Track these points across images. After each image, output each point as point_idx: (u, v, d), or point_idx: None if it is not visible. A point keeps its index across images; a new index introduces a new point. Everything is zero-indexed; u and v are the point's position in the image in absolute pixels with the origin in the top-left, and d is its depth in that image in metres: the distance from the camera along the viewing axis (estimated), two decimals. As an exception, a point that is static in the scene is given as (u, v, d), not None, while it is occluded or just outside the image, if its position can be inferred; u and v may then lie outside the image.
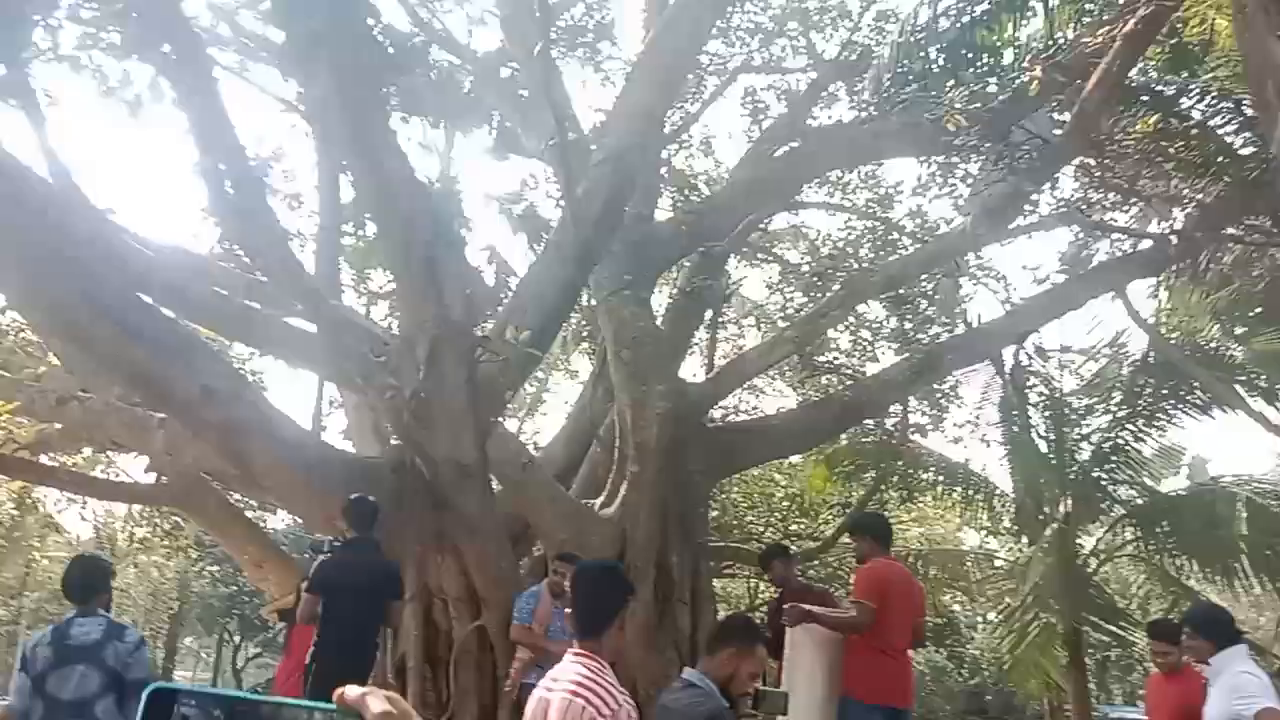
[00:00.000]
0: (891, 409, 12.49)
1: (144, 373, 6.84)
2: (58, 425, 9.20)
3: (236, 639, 34.91)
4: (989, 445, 14.55)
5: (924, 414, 13.52)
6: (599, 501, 8.70)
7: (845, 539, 14.64)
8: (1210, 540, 12.38)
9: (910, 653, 6.11)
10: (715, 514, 15.09)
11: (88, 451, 10.74)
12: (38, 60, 6.08)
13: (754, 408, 15.64)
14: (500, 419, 8.78)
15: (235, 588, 29.13)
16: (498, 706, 7.24)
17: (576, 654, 3.09)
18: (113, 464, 12.68)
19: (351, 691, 0.85)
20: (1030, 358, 12.48)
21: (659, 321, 9.75)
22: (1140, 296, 12.82)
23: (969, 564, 15.27)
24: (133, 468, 11.33)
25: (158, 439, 8.17)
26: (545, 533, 8.44)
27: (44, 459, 9.82)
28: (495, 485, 8.33)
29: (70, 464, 10.51)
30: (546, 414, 18.12)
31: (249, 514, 11.09)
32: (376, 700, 0.84)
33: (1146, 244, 10.26)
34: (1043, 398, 13.68)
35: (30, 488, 12.38)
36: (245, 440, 7.31)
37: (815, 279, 12.06)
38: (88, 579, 4.63)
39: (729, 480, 15.25)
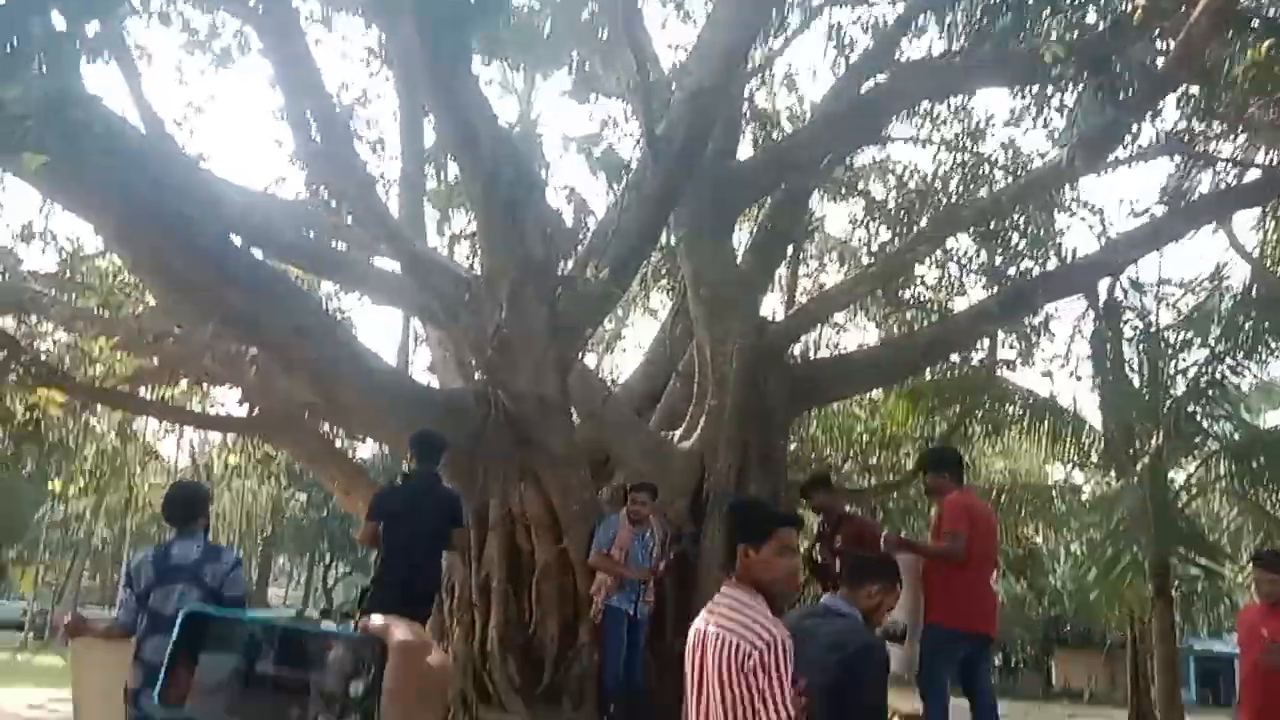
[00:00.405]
0: (979, 344, 12.25)
1: (237, 312, 7.05)
2: (155, 360, 9.54)
3: (327, 559, 36.32)
4: (1079, 380, 14.23)
5: (1012, 348, 13.22)
6: (678, 434, 8.75)
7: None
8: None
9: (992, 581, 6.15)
10: (793, 448, 15.08)
11: (183, 385, 11.13)
12: (130, 16, 6.18)
13: (836, 344, 15.50)
14: (580, 355, 8.85)
15: (326, 512, 30.24)
16: (578, 624, 7.44)
17: (727, 588, 3.11)
18: (207, 396, 13.16)
19: (375, 620, 0.89)
20: (1126, 291, 12.08)
21: (740, 259, 9.65)
22: (1244, 228, 12.29)
23: (1054, 498, 15.06)
24: (226, 400, 11.75)
25: (250, 374, 8.42)
26: (624, 464, 8.54)
27: (142, 392, 10.21)
28: (575, 419, 8.45)
29: (167, 397, 10.92)
30: (625, 351, 18.14)
31: (338, 444, 11.41)
32: (399, 629, 0.87)
33: (1253, 174, 9.78)
34: (1137, 332, 13.28)
35: (130, 419, 12.93)
36: (335, 376, 7.51)
37: (901, 214, 11.79)
38: (187, 503, 4.84)
39: (808, 415, 15.19)
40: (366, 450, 15.53)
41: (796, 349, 12.09)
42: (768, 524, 3.04)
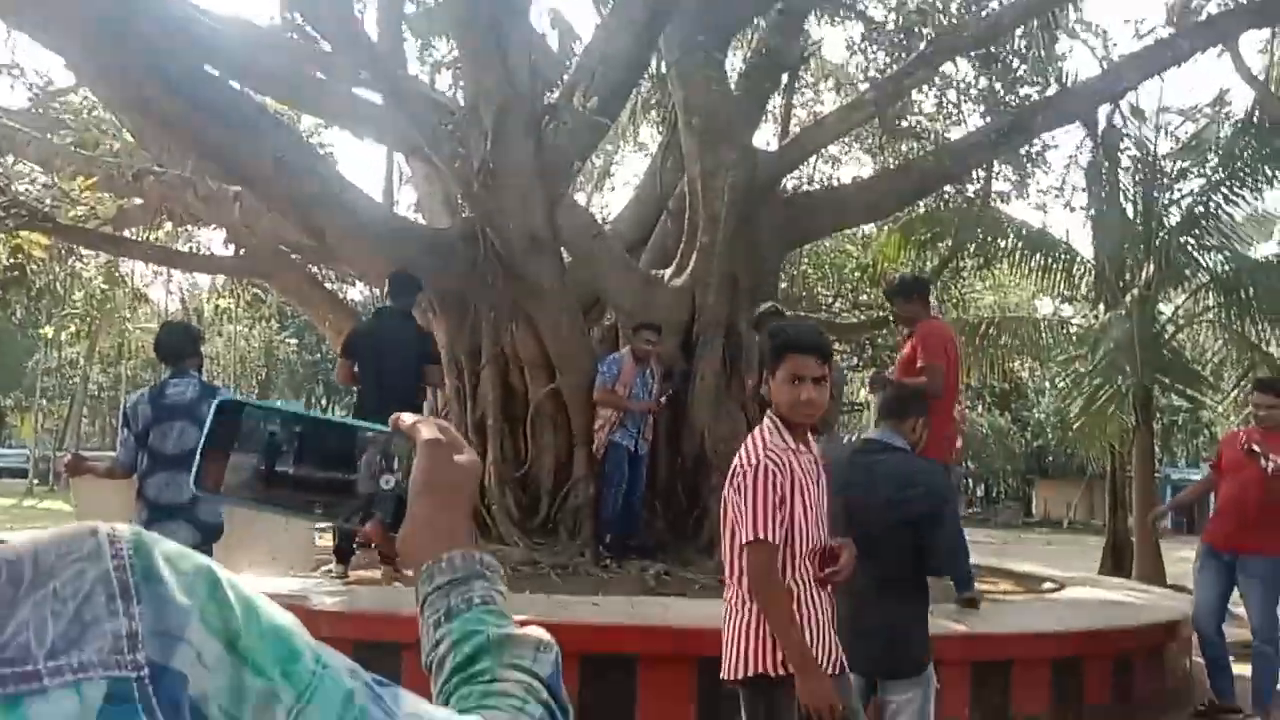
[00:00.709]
0: (974, 175, 12.08)
1: (215, 145, 6.86)
2: (137, 200, 9.37)
3: (323, 402, 36.82)
4: (1073, 211, 14.14)
5: (1008, 179, 13.06)
6: (669, 272, 8.69)
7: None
8: (1296, 307, 12.09)
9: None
10: (784, 285, 15.07)
11: (168, 226, 10.98)
12: None
13: (830, 176, 15.27)
14: (569, 190, 8.70)
15: (320, 354, 30.44)
16: (572, 461, 7.59)
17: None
18: (193, 238, 13.01)
19: (406, 417, 0.89)
20: (1125, 119, 11.84)
21: (732, 86, 9.35)
22: (1251, 50, 11.93)
23: (1042, 331, 15.18)
24: (213, 241, 11.62)
25: (234, 212, 8.28)
26: (616, 302, 8.52)
27: (127, 234, 10.07)
28: (566, 256, 8.38)
29: (153, 238, 10.79)
30: (615, 188, 17.87)
31: (328, 285, 11.36)
32: (428, 428, 0.87)
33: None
34: (1134, 160, 13.10)
35: (116, 262, 12.82)
36: (318, 212, 7.39)
37: (900, 37, 11.37)
38: (178, 341, 4.83)
39: (799, 251, 15.12)
40: (357, 292, 15.47)
41: (790, 182, 11.92)
42: (781, 350, 2.94)
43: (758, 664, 2.81)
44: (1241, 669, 5.70)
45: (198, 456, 0.86)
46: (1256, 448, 5.18)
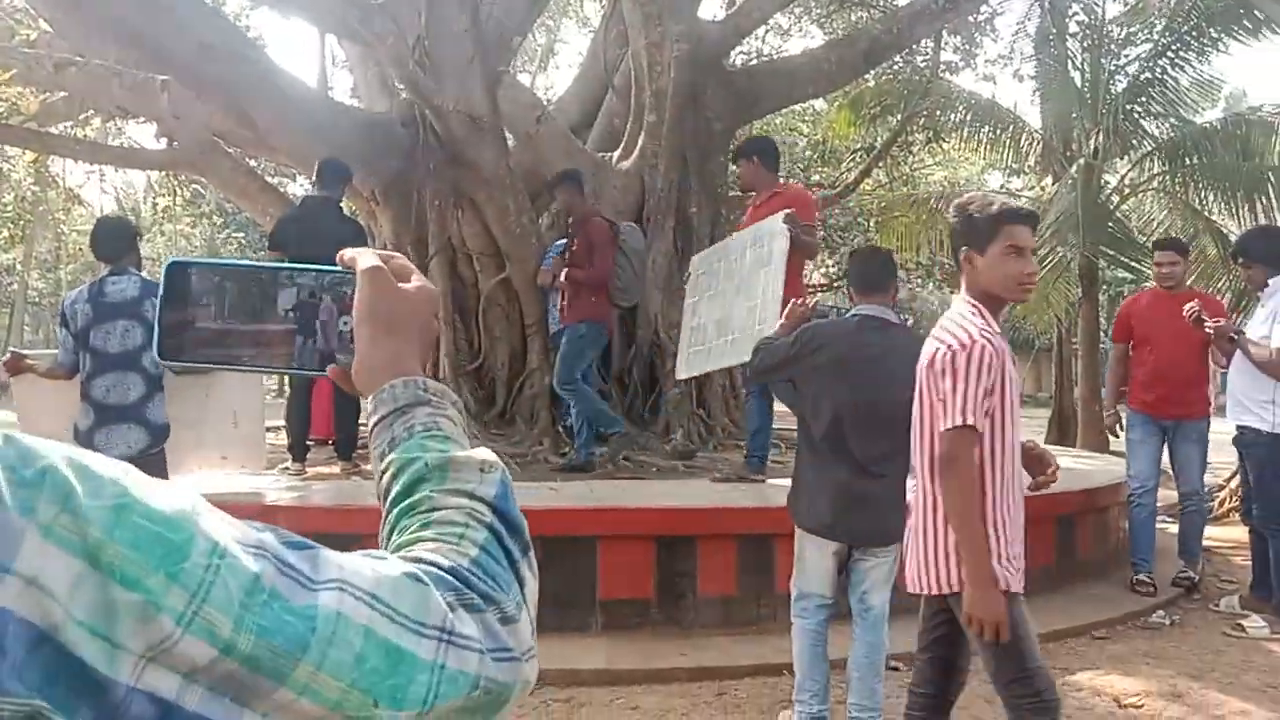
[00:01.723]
0: (922, 45, 11.86)
1: (134, 31, 6.51)
2: (61, 93, 8.92)
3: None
4: (1022, 81, 14.01)
5: (956, 49, 12.86)
6: (616, 154, 8.52)
7: (863, 184, 14.53)
8: (1239, 172, 12.20)
9: None
10: (735, 166, 14.89)
11: (97, 122, 10.51)
12: None
13: (779, 50, 14.94)
14: (510, 69, 8.42)
15: (263, 252, 29.75)
16: (526, 352, 7.55)
17: (955, 300, 2.88)
18: (124, 132, 12.49)
19: (349, 251, 0.86)
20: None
21: (676, -46, 9.00)
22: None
23: (991, 205, 15.18)
24: (144, 135, 11.16)
25: (163, 102, 7.90)
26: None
27: (54, 130, 9.62)
28: (510, 139, 8.16)
29: (81, 135, 10.32)
30: (559, 68, 17.37)
31: (268, 178, 11.01)
32: (368, 256, 0.84)
33: None
34: (1082, 27, 12.95)
35: (45, 161, 12.29)
36: (249, 99, 7.11)
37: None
38: (115, 238, 4.63)
39: (749, 128, 14.88)
40: (299, 186, 15.02)
41: (738, 57, 11.65)
42: (998, 221, 2.68)
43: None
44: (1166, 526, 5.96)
45: (156, 327, 0.86)
46: (1205, 317, 5.20)
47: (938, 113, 12.82)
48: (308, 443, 6.23)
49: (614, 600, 4.41)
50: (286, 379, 6.57)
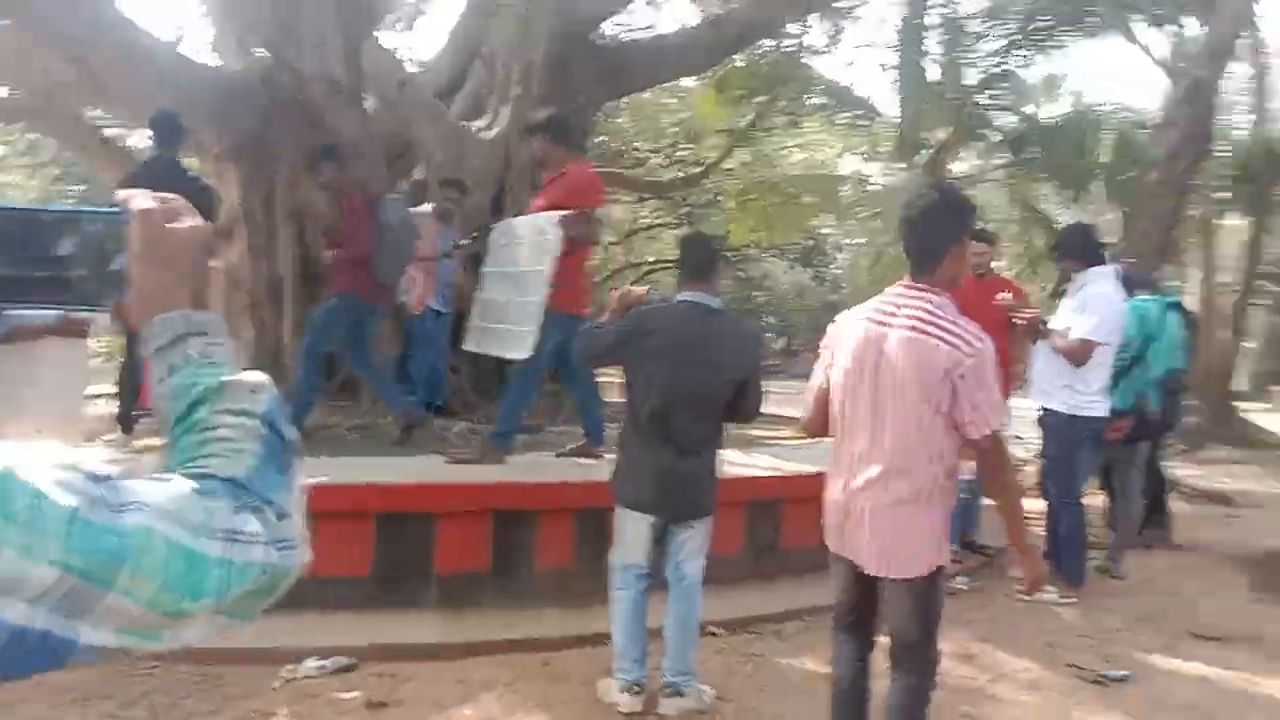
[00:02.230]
0: (790, 29, 12.15)
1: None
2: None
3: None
4: (884, 70, 14.54)
5: (823, 34, 13.22)
6: (481, 124, 8.50)
7: (726, 164, 14.81)
8: (1073, 166, 13.02)
9: None
10: (603, 139, 14.97)
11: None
12: None
13: (651, 28, 15.02)
14: (374, 31, 8.29)
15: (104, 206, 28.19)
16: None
17: (911, 288, 2.81)
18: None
19: (123, 193, 0.92)
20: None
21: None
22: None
23: (845, 189, 15.76)
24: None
25: (-4, 47, 7.50)
26: (425, 155, 8.29)
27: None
28: (371, 104, 8.05)
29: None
30: (427, 31, 17.02)
31: (108, 132, 10.51)
32: (142, 199, 0.91)
33: None
34: (942, 19, 13.50)
35: None
36: (90, 48, 6.80)
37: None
38: None
39: (616, 106, 14.97)
40: (140, 138, 14.32)
41: (610, 30, 11.70)
42: (969, 220, 2.80)
43: (941, 557, 2.81)
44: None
45: None
46: (1023, 310, 5.58)
47: (800, 96, 13.19)
48: (135, 413, 6.05)
49: (450, 575, 4.51)
50: (122, 346, 6.36)
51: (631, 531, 3.62)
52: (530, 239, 5.20)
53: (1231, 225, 18.07)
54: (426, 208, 7.26)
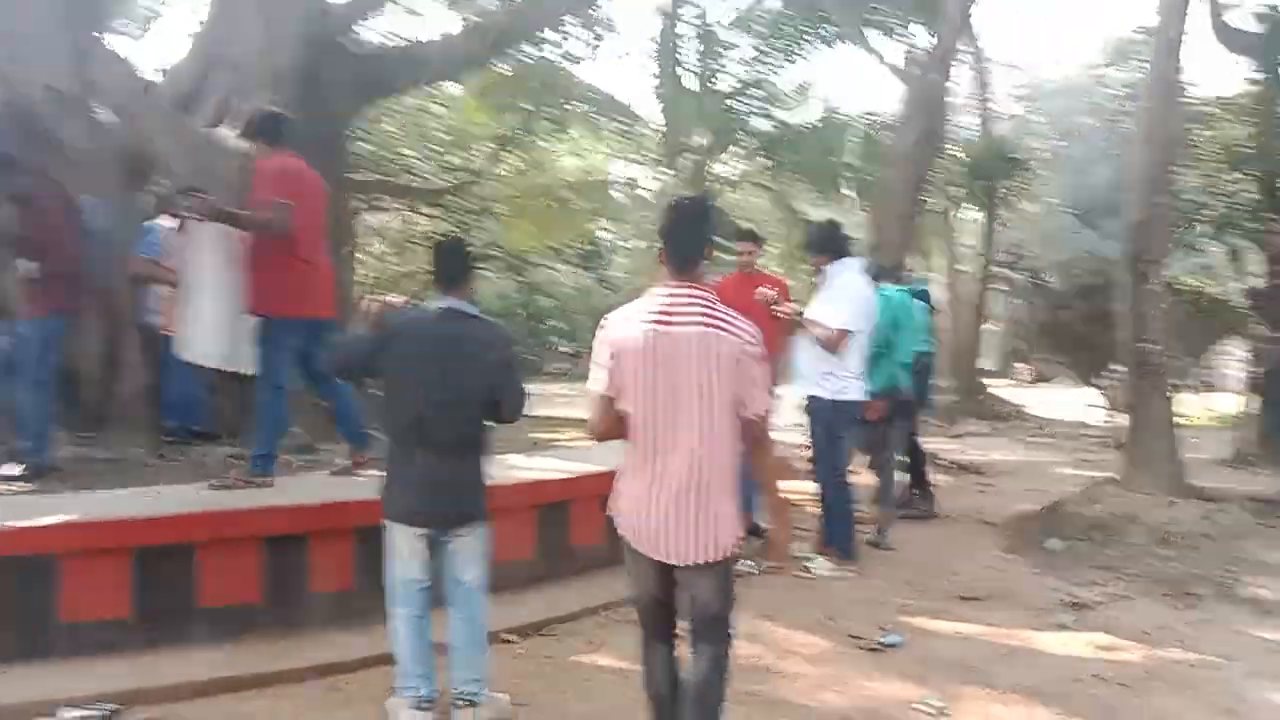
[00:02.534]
0: (550, 36, 12.24)
1: None
2: None
3: None
4: (643, 76, 14.90)
5: (583, 43, 13.40)
6: (228, 131, 8.04)
7: (498, 170, 14.78)
8: (824, 168, 13.83)
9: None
10: (369, 148, 14.57)
11: None
12: None
13: (410, 35, 14.77)
14: (102, 33, 7.69)
15: None
16: (123, 344, 6.91)
17: (681, 287, 2.95)
18: None
19: None
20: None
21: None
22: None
23: (617, 194, 16.05)
24: None
25: None
26: (169, 166, 7.75)
27: None
28: (106, 114, 7.46)
29: None
30: (167, 35, 15.98)
31: None
32: None
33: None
34: (695, 29, 14.00)
35: None
36: None
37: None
38: None
39: (383, 112, 14.61)
40: None
41: (367, 35, 11.39)
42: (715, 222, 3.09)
43: (739, 533, 2.99)
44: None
45: None
46: (783, 304, 5.86)
47: (563, 103, 13.32)
48: None
49: (219, 608, 4.23)
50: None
51: (403, 545, 3.52)
52: (211, 244, 4.97)
53: (969, 218, 19.80)
54: (169, 221, 6.77)
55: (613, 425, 3.00)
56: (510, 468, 5.56)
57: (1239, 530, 5.98)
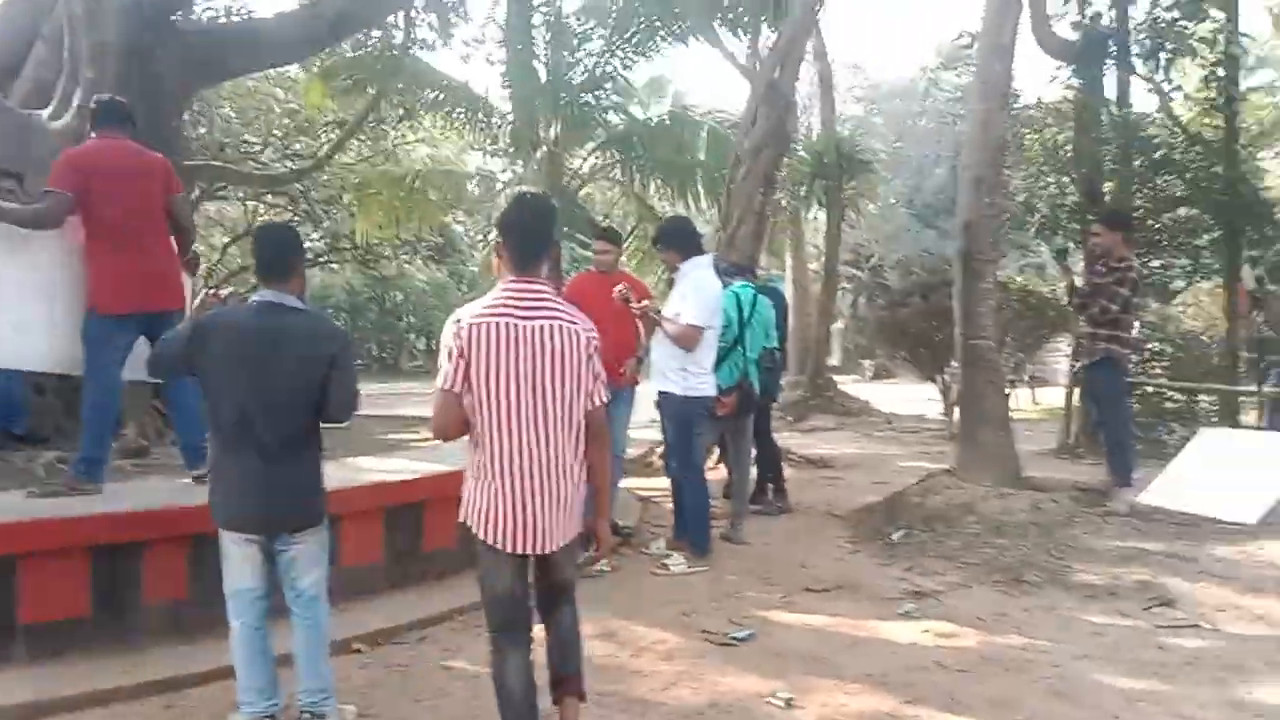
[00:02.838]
0: (395, 20, 11.90)
1: None
2: None
3: None
4: (493, 65, 14.67)
5: (431, 27, 13.09)
6: (48, 111, 7.48)
7: (345, 158, 14.30)
8: (676, 164, 13.95)
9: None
10: (204, 132, 13.88)
11: None
12: None
13: (246, 11, 14.09)
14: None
15: None
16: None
17: (530, 283, 3.03)
18: None
19: None
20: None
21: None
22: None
23: (471, 185, 15.79)
24: None
25: None
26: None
27: None
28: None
29: None
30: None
31: None
32: None
33: None
34: (545, 18, 13.86)
35: None
36: None
37: None
38: None
39: (221, 95, 13.93)
40: None
41: (204, 14, 10.83)
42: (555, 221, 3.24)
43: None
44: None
45: None
46: (632, 299, 5.85)
47: (411, 89, 13.00)
48: None
49: (42, 623, 3.93)
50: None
51: (235, 552, 3.34)
52: (12, 238, 4.60)
53: (817, 218, 20.40)
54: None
55: (460, 423, 2.96)
56: (359, 469, 5.38)
57: (1066, 518, 6.33)
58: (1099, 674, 4.13)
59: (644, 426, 7.54)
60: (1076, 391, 10.70)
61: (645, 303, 5.90)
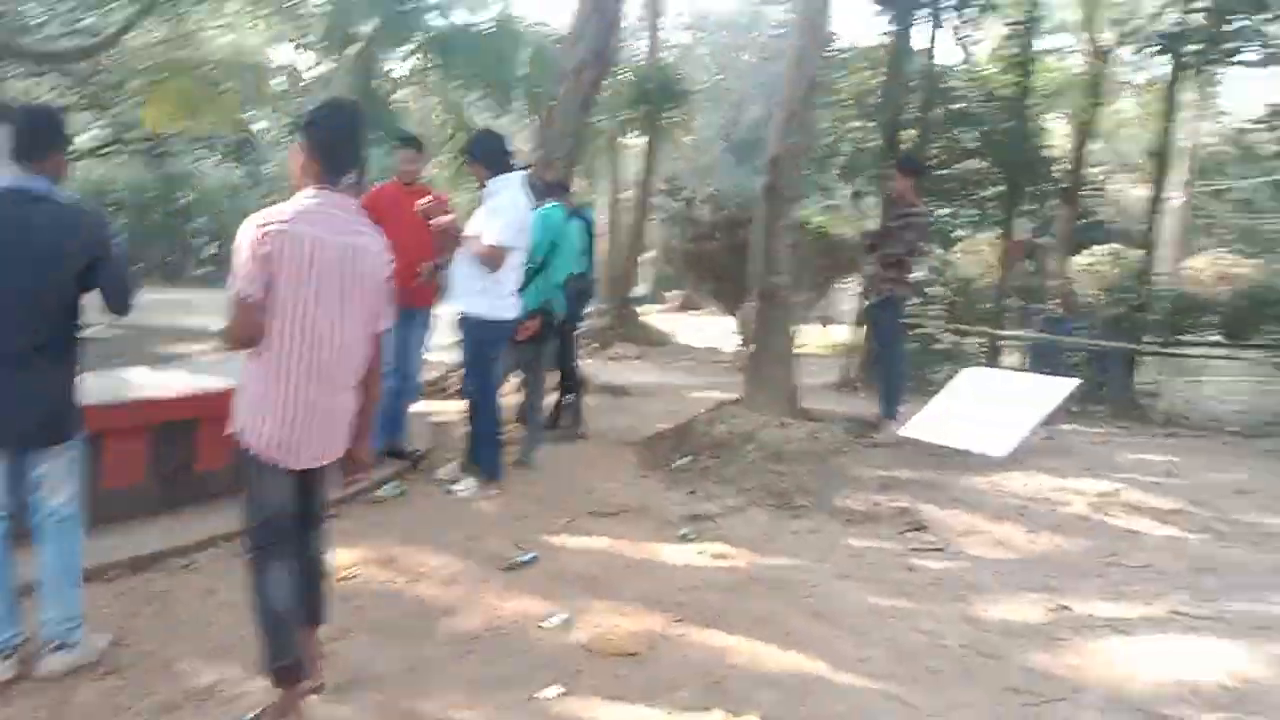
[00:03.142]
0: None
1: None
2: None
3: None
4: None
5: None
6: None
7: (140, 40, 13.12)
8: (497, 75, 13.59)
9: None
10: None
11: None
12: None
13: None
14: None
15: None
16: None
17: (333, 193, 2.92)
18: None
19: None
20: None
21: None
22: None
23: (277, 80, 14.87)
24: None
25: None
26: None
27: None
28: None
29: None
30: None
31: None
32: None
33: None
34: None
35: None
36: None
37: None
38: None
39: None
40: None
41: None
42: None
43: None
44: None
45: None
46: (441, 217, 5.65)
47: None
48: None
49: None
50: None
51: None
52: None
53: (635, 144, 20.37)
54: None
55: (256, 333, 2.81)
56: (124, 383, 5.06)
57: (837, 448, 6.72)
58: (854, 593, 4.44)
59: (442, 350, 7.41)
60: (863, 329, 11.27)
61: (446, 217, 5.74)
